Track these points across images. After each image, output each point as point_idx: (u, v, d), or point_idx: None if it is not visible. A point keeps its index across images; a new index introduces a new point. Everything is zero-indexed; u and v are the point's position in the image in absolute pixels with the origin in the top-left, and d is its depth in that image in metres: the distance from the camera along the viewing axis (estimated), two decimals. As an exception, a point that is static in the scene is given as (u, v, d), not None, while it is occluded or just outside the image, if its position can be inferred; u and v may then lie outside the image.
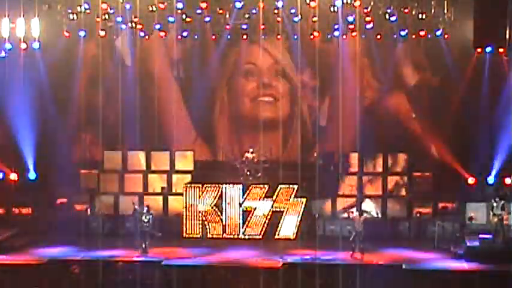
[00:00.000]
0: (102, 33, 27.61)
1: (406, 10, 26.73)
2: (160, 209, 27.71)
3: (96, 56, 29.08)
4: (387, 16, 26.90)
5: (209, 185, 27.25)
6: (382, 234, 27.06)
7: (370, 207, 27.61)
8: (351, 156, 28.70)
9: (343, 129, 28.43)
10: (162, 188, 28.55)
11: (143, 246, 24.81)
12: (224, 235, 27.12)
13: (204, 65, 29.85)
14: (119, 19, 27.14)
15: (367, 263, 23.78)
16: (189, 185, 27.43)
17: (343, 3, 26.22)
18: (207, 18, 27.54)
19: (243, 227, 27.09)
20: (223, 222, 27.15)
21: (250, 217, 27.06)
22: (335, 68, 28.57)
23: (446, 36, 27.25)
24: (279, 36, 28.13)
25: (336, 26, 27.00)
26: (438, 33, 27.07)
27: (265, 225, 27.05)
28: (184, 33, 28.08)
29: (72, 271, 23.15)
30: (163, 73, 29.96)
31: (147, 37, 28.46)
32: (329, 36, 27.73)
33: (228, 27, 27.66)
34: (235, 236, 27.05)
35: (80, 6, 26.95)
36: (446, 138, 28.71)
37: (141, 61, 29.60)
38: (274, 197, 27.04)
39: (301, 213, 26.83)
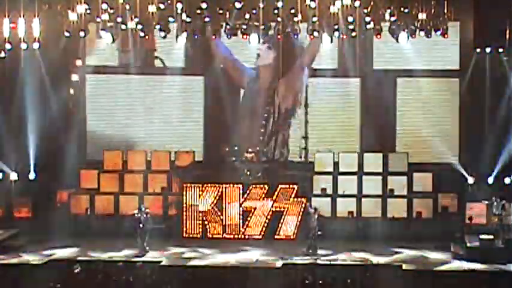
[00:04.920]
0: (102, 33, 27.54)
1: (406, 10, 26.68)
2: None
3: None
4: (387, 16, 26.85)
5: (209, 185, 27.28)
6: (382, 234, 27.08)
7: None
8: (350, 155, 28.78)
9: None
10: (162, 188, 28.60)
11: (143, 246, 24.83)
12: (224, 235, 27.15)
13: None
14: (119, 19, 27.09)
15: (367, 263, 23.79)
16: (189, 185, 27.49)
17: (343, 3, 26.18)
18: (207, 19, 27.50)
19: (243, 227, 27.11)
20: (223, 222, 27.17)
21: (250, 217, 27.08)
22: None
23: (446, 36, 27.21)
24: (279, 36, 28.10)
25: (336, 26, 26.94)
26: (438, 33, 27.03)
27: (265, 225, 27.07)
28: (184, 33, 28.01)
29: (72, 271, 23.15)
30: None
31: (147, 37, 28.40)
32: (329, 36, 27.63)
33: (228, 27, 27.60)
34: (235, 236, 27.08)
35: (80, 3, 26.87)
36: (446, 138, 28.74)
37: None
38: (274, 197, 27.08)
39: (301, 213, 26.84)
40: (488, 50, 26.91)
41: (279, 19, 27.08)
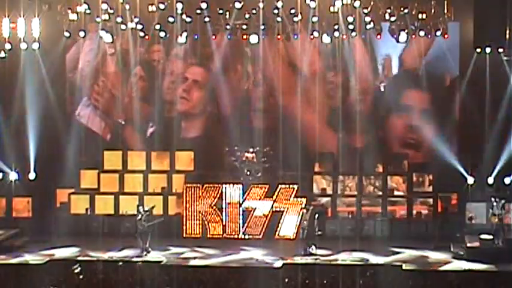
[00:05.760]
0: (102, 33, 27.57)
1: (406, 10, 26.71)
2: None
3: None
4: (387, 16, 26.87)
5: (209, 185, 27.30)
6: (381, 234, 27.09)
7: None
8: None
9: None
10: (162, 188, 28.59)
11: (144, 246, 24.83)
12: (224, 235, 27.16)
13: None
14: (119, 19, 27.11)
15: (367, 263, 23.79)
16: (189, 185, 27.50)
17: (343, 3, 26.20)
18: (207, 18, 27.54)
19: (243, 227, 27.13)
20: (223, 222, 27.19)
21: (250, 217, 27.10)
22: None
23: (446, 36, 27.22)
24: (279, 36, 28.13)
25: (336, 26, 26.97)
26: (438, 33, 27.05)
27: (265, 225, 27.09)
28: (184, 33, 28.04)
29: (72, 271, 23.15)
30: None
31: (147, 37, 28.46)
32: (329, 36, 27.65)
33: (228, 27, 27.63)
34: (235, 236, 27.09)
35: (80, 5, 26.92)
36: (446, 138, 28.71)
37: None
38: (274, 197, 27.09)
39: (301, 213, 26.81)
40: (488, 50, 26.91)
41: (279, 19, 27.13)
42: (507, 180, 27.19)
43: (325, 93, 29.19)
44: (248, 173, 27.82)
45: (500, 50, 26.84)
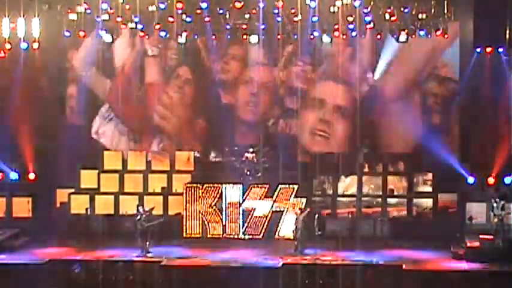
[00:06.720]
0: (102, 33, 27.56)
1: (406, 10, 26.71)
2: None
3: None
4: (387, 16, 26.87)
5: (209, 185, 27.30)
6: (381, 234, 27.10)
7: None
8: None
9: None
10: (162, 188, 28.59)
11: (143, 246, 24.82)
12: (224, 235, 27.16)
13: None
14: (119, 19, 27.10)
15: (367, 263, 23.79)
16: (189, 185, 27.51)
17: (343, 3, 26.19)
18: (207, 18, 27.54)
19: (243, 227, 27.13)
20: (223, 222, 27.19)
21: (250, 217, 27.10)
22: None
23: (446, 36, 27.22)
24: (279, 36, 28.12)
25: (336, 26, 26.96)
26: (438, 33, 27.04)
27: (265, 225, 27.09)
28: (184, 33, 28.04)
29: (72, 271, 23.16)
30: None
31: (147, 37, 28.46)
32: (329, 36, 27.63)
33: (228, 27, 27.64)
34: (235, 236, 27.09)
35: (80, 5, 26.93)
36: (446, 138, 28.73)
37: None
38: (274, 197, 27.09)
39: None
40: (488, 50, 26.92)
41: (279, 19, 27.12)
42: (507, 180, 27.21)
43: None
44: (248, 173, 27.82)
45: (500, 50, 26.85)
